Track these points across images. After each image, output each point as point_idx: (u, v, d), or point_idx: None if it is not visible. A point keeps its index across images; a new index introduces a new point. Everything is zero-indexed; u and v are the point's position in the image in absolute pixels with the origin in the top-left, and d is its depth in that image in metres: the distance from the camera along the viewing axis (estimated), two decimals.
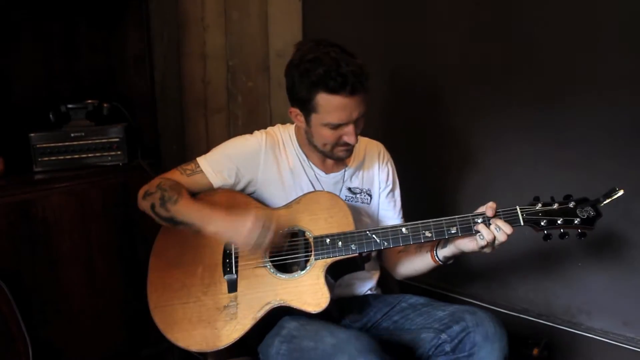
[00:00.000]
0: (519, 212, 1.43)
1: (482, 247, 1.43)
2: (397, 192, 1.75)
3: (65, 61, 2.15)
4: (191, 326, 1.48)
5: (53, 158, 2.02)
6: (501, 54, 1.89)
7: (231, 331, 1.45)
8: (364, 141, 1.74)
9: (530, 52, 1.83)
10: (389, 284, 1.77)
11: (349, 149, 1.56)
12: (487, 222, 1.42)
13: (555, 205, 1.42)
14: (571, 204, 1.42)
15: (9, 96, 2.04)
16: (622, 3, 1.65)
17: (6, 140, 1.98)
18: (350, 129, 1.50)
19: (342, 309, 1.59)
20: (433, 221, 1.45)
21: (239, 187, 1.61)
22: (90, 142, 2.06)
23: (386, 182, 1.73)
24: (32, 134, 2.00)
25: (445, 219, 1.45)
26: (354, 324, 1.59)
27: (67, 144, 2.03)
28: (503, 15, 1.87)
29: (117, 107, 2.15)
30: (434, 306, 1.54)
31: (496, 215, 1.42)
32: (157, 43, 2.46)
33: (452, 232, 1.44)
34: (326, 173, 1.66)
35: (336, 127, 1.49)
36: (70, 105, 2.09)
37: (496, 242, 1.41)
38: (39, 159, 2.01)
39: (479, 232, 1.42)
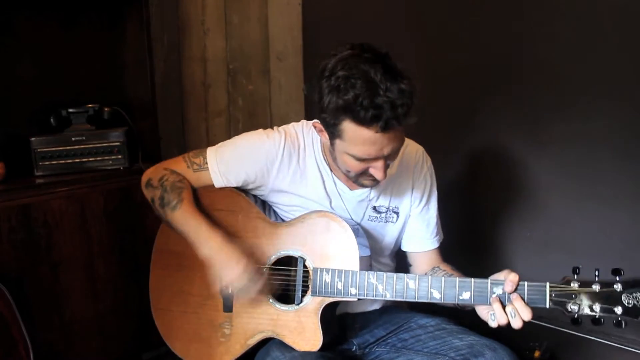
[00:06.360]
0: (547, 291, 1.19)
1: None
2: (433, 207, 1.53)
3: (66, 65, 2.16)
4: (188, 338, 1.48)
5: (54, 162, 2.02)
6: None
7: (224, 353, 1.44)
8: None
9: None
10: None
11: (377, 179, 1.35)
12: (504, 299, 1.22)
13: (596, 287, 1.16)
14: (617, 287, 1.15)
15: (9, 100, 2.04)
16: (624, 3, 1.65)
17: (7, 144, 1.98)
18: (379, 164, 1.28)
19: (343, 324, 1.52)
20: (445, 280, 1.27)
21: (248, 188, 1.51)
22: (91, 146, 2.06)
23: (421, 198, 1.51)
24: (32, 138, 2.00)
25: (459, 280, 1.26)
26: (354, 339, 1.53)
27: (67, 148, 2.03)
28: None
29: (117, 111, 2.15)
30: (447, 331, 1.44)
31: (517, 289, 1.20)
32: (157, 47, 2.46)
33: (464, 298, 1.26)
34: (350, 189, 1.47)
35: (363, 160, 1.28)
36: (71, 110, 2.09)
37: (512, 325, 1.21)
38: (40, 163, 2.00)
39: (492, 308, 1.23)
